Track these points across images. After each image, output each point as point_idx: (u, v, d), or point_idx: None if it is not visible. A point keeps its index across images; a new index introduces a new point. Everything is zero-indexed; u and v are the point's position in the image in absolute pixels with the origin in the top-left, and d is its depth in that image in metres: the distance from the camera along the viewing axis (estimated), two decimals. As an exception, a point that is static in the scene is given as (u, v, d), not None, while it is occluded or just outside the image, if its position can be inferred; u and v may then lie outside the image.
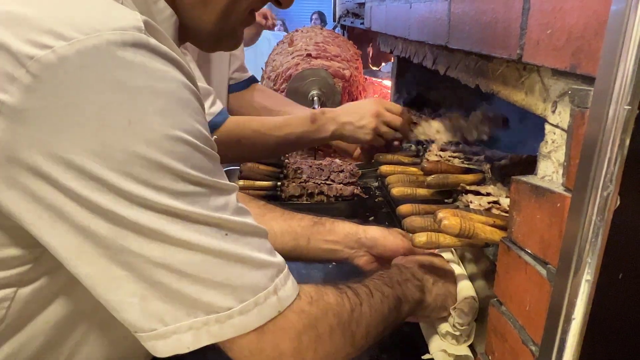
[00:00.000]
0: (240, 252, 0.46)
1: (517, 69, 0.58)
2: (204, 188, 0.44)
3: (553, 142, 0.50)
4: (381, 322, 0.61)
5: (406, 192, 0.88)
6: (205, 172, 0.44)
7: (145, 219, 0.41)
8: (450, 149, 1.10)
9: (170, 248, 0.43)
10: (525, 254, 0.52)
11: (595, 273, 0.40)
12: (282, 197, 1.23)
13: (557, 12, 0.46)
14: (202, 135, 0.45)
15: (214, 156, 0.46)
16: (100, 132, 0.39)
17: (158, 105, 0.41)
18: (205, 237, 0.44)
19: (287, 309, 0.49)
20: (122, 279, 0.43)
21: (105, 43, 0.39)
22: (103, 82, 0.39)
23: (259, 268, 0.47)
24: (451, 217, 0.60)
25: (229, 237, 0.45)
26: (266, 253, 0.49)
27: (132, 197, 0.41)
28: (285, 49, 1.87)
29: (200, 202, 0.44)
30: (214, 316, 0.44)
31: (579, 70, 0.42)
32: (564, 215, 0.44)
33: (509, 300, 0.55)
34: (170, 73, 0.43)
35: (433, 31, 0.85)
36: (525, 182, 0.52)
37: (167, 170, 0.41)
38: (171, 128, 0.42)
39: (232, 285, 0.45)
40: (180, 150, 0.42)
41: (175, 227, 0.42)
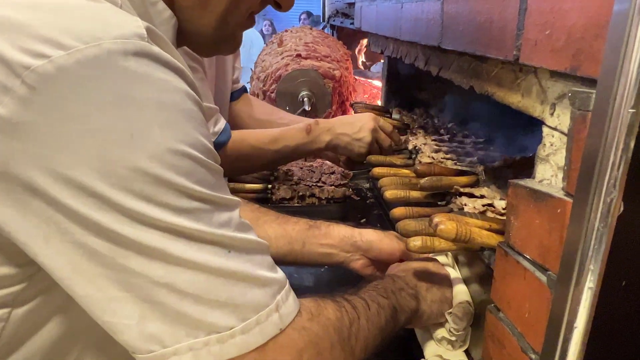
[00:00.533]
0: (244, 270, 0.44)
1: (513, 70, 0.57)
2: (207, 204, 0.42)
3: (552, 145, 0.49)
4: (379, 334, 0.60)
5: (399, 195, 0.87)
6: (209, 187, 0.43)
7: (148, 238, 0.40)
8: (443, 151, 1.09)
9: (172, 268, 0.41)
10: (523, 259, 0.51)
11: (598, 281, 0.39)
12: (273, 200, 1.22)
13: (555, 12, 0.45)
14: (205, 149, 0.43)
15: (217, 170, 0.45)
16: (101, 147, 0.37)
17: (162, 118, 0.39)
18: (208, 255, 0.42)
19: (289, 326, 0.47)
20: (120, 300, 0.41)
21: (106, 52, 0.37)
22: (104, 94, 0.37)
23: (262, 286, 0.46)
24: (447, 221, 0.58)
25: (232, 255, 0.44)
26: (268, 270, 0.47)
27: (134, 215, 0.39)
28: (275, 49, 1.85)
29: (204, 219, 0.42)
30: (215, 336, 0.43)
31: (579, 72, 0.41)
32: (565, 221, 0.43)
33: (506, 307, 0.54)
34: (173, 83, 0.41)
35: (425, 31, 0.84)
36: (523, 186, 0.51)
37: (171, 186, 0.40)
38: (175, 142, 0.40)
39: (235, 304, 0.44)
40: (184, 165, 0.40)
41: (179, 245, 0.41)
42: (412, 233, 0.72)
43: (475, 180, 0.86)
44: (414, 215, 0.81)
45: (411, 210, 0.81)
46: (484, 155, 1.05)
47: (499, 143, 1.13)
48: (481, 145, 1.14)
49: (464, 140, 1.18)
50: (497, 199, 0.82)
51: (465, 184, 0.85)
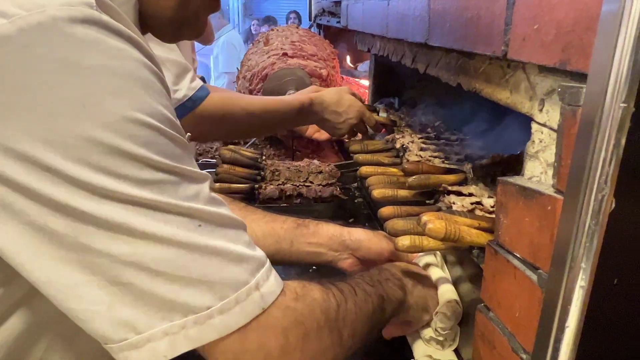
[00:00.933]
0: (217, 244, 0.42)
1: (501, 66, 0.56)
2: (172, 175, 0.41)
3: (541, 142, 0.48)
4: (367, 321, 0.59)
5: (387, 194, 0.86)
6: (173, 158, 0.41)
7: (109, 212, 0.38)
8: (430, 149, 1.08)
9: (138, 243, 0.39)
10: (513, 258, 0.50)
11: (590, 279, 0.39)
12: (260, 200, 1.20)
13: (544, 6, 0.44)
14: (166, 119, 0.41)
15: (182, 142, 0.43)
16: (51, 118, 0.36)
17: (115, 86, 0.38)
18: (177, 228, 0.40)
19: (272, 305, 0.45)
20: (85, 284, 0.39)
21: (51, 19, 0.35)
22: (51, 62, 0.36)
23: (238, 262, 0.44)
24: (436, 220, 0.57)
25: (203, 229, 0.42)
26: (245, 246, 0.45)
27: (92, 188, 0.37)
28: (261, 48, 1.83)
29: (169, 191, 0.40)
30: (192, 317, 0.41)
31: (569, 66, 0.41)
32: (555, 219, 0.42)
33: (497, 306, 0.53)
34: (127, 51, 0.39)
35: (412, 29, 0.83)
36: (512, 183, 0.50)
37: (129, 156, 0.38)
38: (131, 110, 0.38)
39: (210, 282, 0.42)
40: (142, 134, 0.39)
41: (143, 219, 0.39)
42: (400, 232, 0.71)
43: (464, 178, 0.86)
44: (402, 214, 0.80)
45: (399, 209, 0.81)
46: (471, 153, 1.04)
47: (485, 140, 1.13)
48: (468, 143, 1.14)
49: (451, 138, 1.18)
50: (485, 197, 0.82)
51: (453, 182, 0.85)
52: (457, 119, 1.26)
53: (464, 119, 1.23)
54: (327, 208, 1.23)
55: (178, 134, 0.43)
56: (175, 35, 0.56)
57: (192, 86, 1.00)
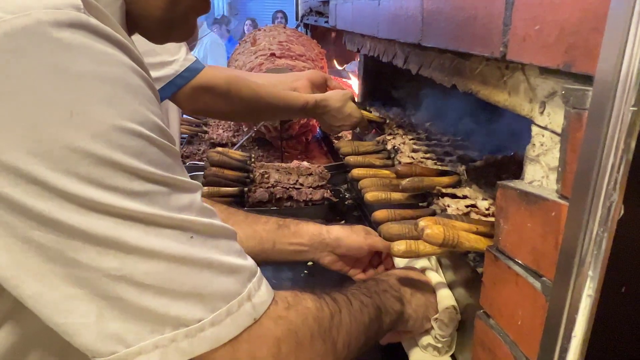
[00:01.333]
0: (209, 256, 0.41)
1: (499, 67, 0.55)
2: (163, 186, 0.39)
3: (542, 145, 0.47)
4: (362, 332, 0.58)
5: (380, 197, 0.84)
6: (164, 168, 0.39)
7: (98, 226, 0.36)
8: (422, 150, 1.07)
9: (129, 257, 0.37)
10: (515, 264, 0.49)
11: (598, 287, 0.37)
12: (250, 203, 1.18)
13: (546, 5, 0.43)
14: (157, 127, 0.40)
15: (173, 150, 0.41)
16: (36, 127, 0.34)
17: (104, 93, 0.36)
18: (168, 241, 0.39)
19: (263, 315, 0.45)
20: (74, 297, 0.37)
21: (36, 23, 0.33)
22: (37, 68, 0.34)
23: (230, 273, 0.43)
24: (434, 225, 0.56)
25: (195, 241, 0.41)
26: (236, 256, 0.45)
27: (80, 201, 0.35)
28: (248, 48, 1.81)
29: (161, 203, 0.39)
30: (183, 330, 0.40)
31: (573, 68, 0.39)
32: (560, 225, 0.41)
33: (497, 313, 0.52)
34: (116, 56, 0.37)
35: (404, 29, 0.82)
36: (512, 187, 0.49)
37: (119, 167, 0.36)
38: (120, 119, 0.36)
39: (201, 294, 0.41)
40: (133, 144, 0.37)
41: (134, 232, 0.37)
42: (395, 237, 0.69)
43: (457, 180, 0.85)
44: (397, 218, 0.79)
45: (393, 212, 0.79)
46: (464, 154, 1.03)
47: (477, 141, 1.12)
48: (460, 143, 1.13)
49: (442, 139, 1.17)
50: (479, 199, 0.81)
51: (447, 185, 0.84)
52: (448, 119, 1.25)
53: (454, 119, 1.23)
54: (318, 211, 1.22)
55: (168, 141, 0.41)
56: (165, 36, 0.54)
57: (188, 57, 1.03)
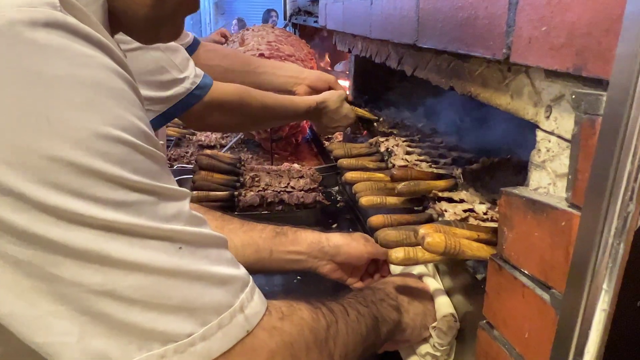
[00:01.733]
0: (198, 267, 0.39)
1: (500, 69, 0.53)
2: (150, 195, 0.37)
3: (548, 151, 0.45)
4: (360, 342, 0.56)
5: (375, 201, 0.82)
6: (150, 176, 0.37)
7: (79, 239, 0.34)
8: (416, 152, 1.05)
9: (113, 272, 0.35)
10: (521, 274, 0.47)
11: (613, 302, 0.36)
12: (240, 208, 1.15)
13: (554, 6, 0.41)
14: (141, 133, 0.37)
15: (158, 157, 0.39)
16: (11, 135, 0.31)
17: (84, 98, 0.33)
18: (155, 253, 0.37)
19: (257, 327, 0.43)
20: (55, 314, 0.34)
21: (8, 23, 0.31)
22: (10, 72, 0.31)
23: (221, 284, 0.41)
24: (434, 234, 0.54)
25: (184, 252, 0.38)
26: (228, 265, 0.42)
27: (60, 213, 0.33)
28: (236, 48, 1.77)
29: (147, 213, 0.36)
30: (172, 346, 0.37)
31: (585, 72, 0.38)
32: (571, 236, 0.39)
33: (502, 325, 0.50)
34: (96, 58, 0.35)
35: (399, 29, 0.80)
36: (518, 195, 0.47)
37: (102, 176, 0.34)
38: (102, 125, 0.34)
39: (191, 308, 0.38)
40: (116, 152, 0.35)
41: (118, 245, 0.35)
42: (393, 244, 0.67)
43: (454, 183, 0.83)
44: (393, 224, 0.77)
45: (389, 218, 0.77)
46: (458, 156, 1.02)
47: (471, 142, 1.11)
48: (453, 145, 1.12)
49: (435, 140, 1.15)
50: (476, 203, 0.79)
51: (443, 188, 0.82)
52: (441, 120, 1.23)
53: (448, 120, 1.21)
54: (310, 214, 1.19)
55: (154, 147, 0.38)
56: (151, 36, 0.51)
57: (197, 73, 0.98)
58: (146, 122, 0.39)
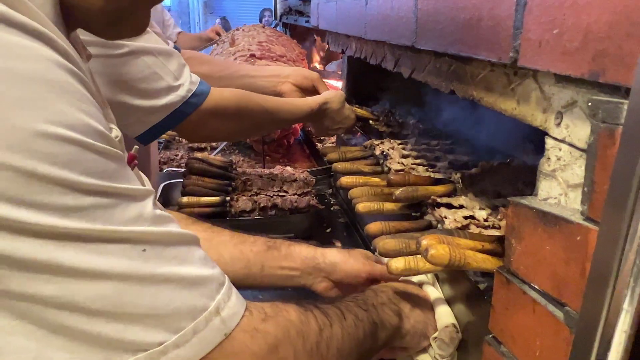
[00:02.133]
0: (166, 270, 0.37)
1: (506, 73, 0.51)
2: (105, 197, 0.34)
3: (559, 160, 0.43)
4: (355, 348, 0.53)
5: (372, 208, 0.80)
6: (105, 176, 0.34)
7: (24, 249, 0.31)
8: (412, 155, 1.03)
9: (68, 282, 0.32)
10: (530, 289, 0.45)
11: (634, 323, 0.34)
12: (232, 213, 1.12)
13: (567, 7, 0.38)
14: (92, 130, 0.34)
15: (114, 155, 0.36)
16: None
17: (19, 94, 0.30)
18: (115, 258, 0.34)
19: (236, 329, 0.40)
20: (9, 330, 0.32)
21: None
22: None
23: (193, 286, 0.38)
24: (438, 245, 0.52)
25: (148, 254, 0.36)
26: (200, 265, 0.40)
27: (2, 223, 0.30)
28: (227, 48, 1.74)
29: (103, 217, 0.34)
30: (142, 356, 0.35)
31: (602, 78, 0.35)
32: (587, 251, 0.37)
33: (510, 341, 0.48)
34: (34, 49, 0.32)
35: (395, 30, 0.77)
36: (527, 206, 0.45)
37: (47, 180, 0.31)
38: (43, 123, 0.31)
39: (162, 314, 0.36)
40: (61, 152, 0.32)
41: (71, 253, 0.32)
42: (392, 253, 0.65)
43: (453, 189, 0.81)
44: (391, 231, 0.74)
45: (387, 225, 0.75)
46: (454, 159, 1.00)
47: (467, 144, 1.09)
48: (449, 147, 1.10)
49: (431, 143, 1.13)
50: (477, 209, 0.77)
51: (442, 194, 0.80)
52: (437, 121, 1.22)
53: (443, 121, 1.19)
54: (303, 219, 1.17)
55: (109, 145, 0.35)
56: (111, 30, 0.47)
57: (193, 79, 0.91)
58: (98, 117, 0.36)
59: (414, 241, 0.66)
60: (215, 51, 1.86)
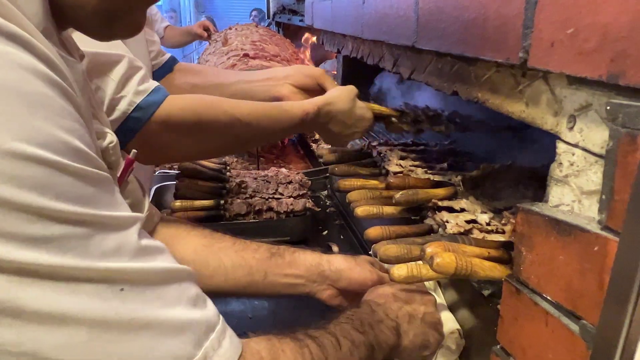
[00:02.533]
0: (147, 313, 0.33)
1: (513, 74, 0.49)
2: (79, 227, 0.31)
3: (571, 165, 0.41)
4: None
5: (372, 212, 0.78)
6: (81, 202, 0.31)
7: None
8: (410, 157, 1.01)
9: (31, 327, 0.29)
10: (542, 300, 0.43)
11: (658, 339, 0.32)
12: (227, 217, 1.10)
13: (582, 6, 0.37)
14: (68, 148, 0.31)
15: (95, 177, 0.33)
16: None
17: None
18: (88, 300, 0.30)
19: None
20: None
21: None
22: None
23: (178, 332, 0.35)
24: (444, 253, 0.50)
25: (126, 294, 0.32)
26: (189, 306, 0.36)
27: None
28: (219, 48, 1.72)
29: (77, 249, 0.30)
30: None
31: (622, 80, 0.33)
32: (606, 263, 0.35)
33: (520, 353, 0.46)
34: (9, 55, 0.29)
35: (395, 29, 0.75)
36: (538, 213, 0.43)
37: (11, 205, 0.28)
38: (10, 140, 0.28)
39: None
40: (30, 174, 0.28)
41: (37, 292, 0.29)
42: (394, 259, 0.63)
43: (454, 192, 0.79)
44: (392, 236, 0.72)
45: (388, 229, 0.73)
46: (453, 161, 0.98)
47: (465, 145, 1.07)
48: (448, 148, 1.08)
49: (429, 144, 1.12)
50: (478, 212, 0.75)
51: (443, 197, 0.78)
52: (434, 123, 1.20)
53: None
54: (299, 222, 1.14)
55: (90, 165, 0.32)
56: (105, 31, 0.44)
57: (140, 89, 0.73)
58: (80, 134, 0.32)
59: (416, 247, 0.64)
60: (208, 51, 1.83)
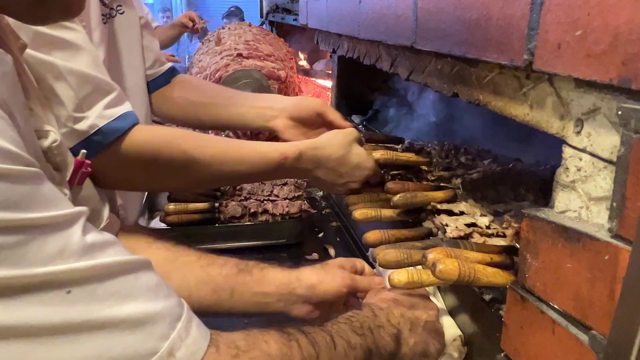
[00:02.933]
0: (100, 312, 0.31)
1: (517, 76, 0.48)
2: (12, 235, 0.29)
3: (579, 170, 0.40)
4: None
5: (370, 215, 0.77)
6: (13, 207, 0.29)
7: None
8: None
9: None
10: (549, 308, 0.42)
11: (673, 352, 0.31)
12: (221, 220, 1.08)
13: (592, 7, 0.36)
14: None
15: (25, 175, 0.31)
16: None
17: None
18: (32, 309, 0.29)
19: None
20: None
21: None
22: None
23: (138, 326, 0.33)
24: (446, 259, 0.49)
25: (75, 296, 0.30)
26: (148, 297, 0.34)
27: None
28: (212, 48, 1.69)
29: (12, 258, 0.29)
30: None
31: (635, 84, 0.32)
32: (617, 272, 0.34)
33: (525, 362, 0.45)
34: None
35: (393, 29, 0.74)
36: (545, 219, 0.42)
37: None
38: None
39: None
40: None
41: None
42: (393, 264, 0.62)
43: (453, 194, 0.78)
44: (390, 240, 0.71)
45: (386, 233, 0.72)
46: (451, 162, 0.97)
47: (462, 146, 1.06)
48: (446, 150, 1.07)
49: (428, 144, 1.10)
50: (478, 215, 0.74)
51: (442, 200, 0.77)
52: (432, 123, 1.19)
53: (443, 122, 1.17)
54: (295, 224, 1.13)
55: (18, 164, 0.30)
56: (38, 14, 0.40)
57: (105, 114, 0.67)
58: (10, 135, 0.30)
59: (416, 251, 0.63)
60: (201, 50, 1.81)
